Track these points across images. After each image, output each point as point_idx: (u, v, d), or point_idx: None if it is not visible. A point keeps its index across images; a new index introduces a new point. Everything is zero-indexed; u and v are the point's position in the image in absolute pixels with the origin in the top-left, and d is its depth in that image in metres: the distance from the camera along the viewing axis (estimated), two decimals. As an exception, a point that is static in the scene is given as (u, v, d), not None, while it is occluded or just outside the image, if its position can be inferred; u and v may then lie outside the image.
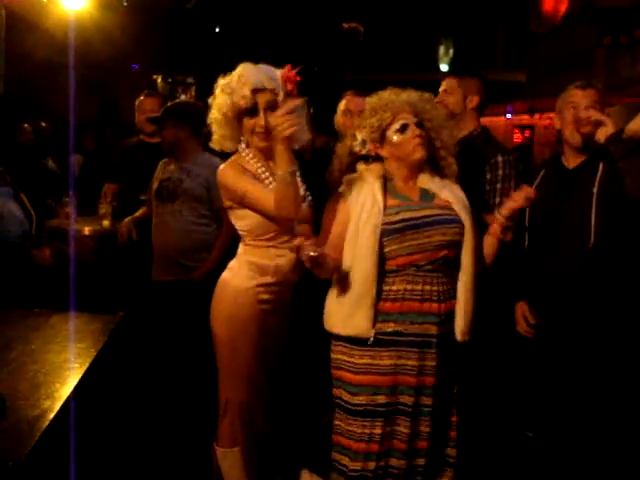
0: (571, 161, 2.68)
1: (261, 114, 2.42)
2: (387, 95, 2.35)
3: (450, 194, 2.32)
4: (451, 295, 2.29)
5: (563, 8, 5.51)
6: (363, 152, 2.33)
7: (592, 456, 2.59)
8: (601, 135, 2.43)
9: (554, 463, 2.70)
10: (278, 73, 2.45)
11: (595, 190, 2.55)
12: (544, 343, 2.71)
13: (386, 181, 2.33)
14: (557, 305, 2.65)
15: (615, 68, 4.54)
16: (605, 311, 2.55)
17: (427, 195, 2.33)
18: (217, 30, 11.68)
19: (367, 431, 2.27)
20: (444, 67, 8.00)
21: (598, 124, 2.45)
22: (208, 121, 2.51)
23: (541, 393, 2.76)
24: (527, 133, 6.83)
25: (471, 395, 2.53)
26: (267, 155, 2.51)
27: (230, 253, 2.68)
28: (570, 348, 2.61)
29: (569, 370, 2.63)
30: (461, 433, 2.43)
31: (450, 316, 2.29)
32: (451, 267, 2.29)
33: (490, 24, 6.76)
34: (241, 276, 2.48)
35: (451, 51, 7.97)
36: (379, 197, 2.26)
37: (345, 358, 2.30)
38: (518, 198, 2.31)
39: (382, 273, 2.23)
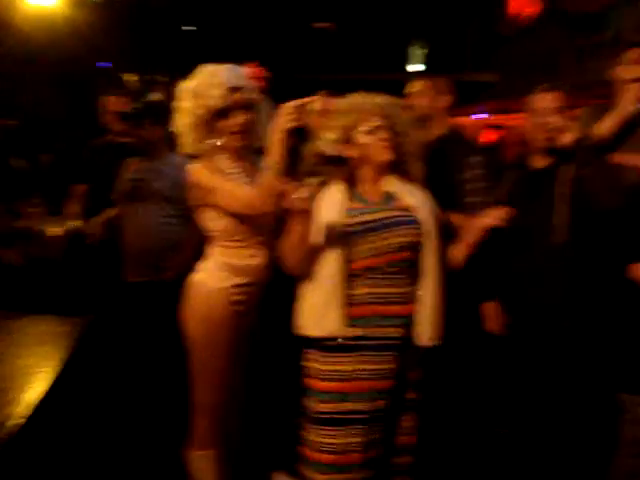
0: (539, 162, 2.72)
1: (238, 113, 2.42)
2: (357, 98, 2.35)
3: (413, 198, 2.32)
4: (415, 297, 2.28)
5: (532, 11, 5.58)
6: (330, 153, 2.31)
7: (563, 453, 2.64)
8: (565, 140, 2.46)
9: (528, 460, 2.74)
10: (244, 71, 2.46)
11: (563, 191, 2.59)
12: (514, 341, 2.75)
13: (349, 184, 2.32)
14: (527, 303, 2.69)
15: (582, 69, 4.62)
16: (576, 310, 2.59)
17: (389, 198, 2.32)
18: (191, 29, 11.60)
19: (336, 441, 2.23)
20: (415, 68, 8.02)
21: (562, 129, 2.49)
22: (174, 126, 2.48)
23: (512, 390, 2.79)
24: (496, 133, 6.89)
25: (442, 395, 2.55)
26: (240, 155, 2.50)
27: (200, 253, 2.66)
28: (540, 346, 2.65)
29: (540, 368, 2.67)
30: (431, 434, 2.44)
31: (415, 318, 2.28)
32: (413, 269, 2.28)
33: (460, 26, 6.79)
34: (215, 277, 2.47)
35: (422, 52, 8.00)
36: (340, 200, 2.25)
37: (314, 365, 2.28)
38: (492, 216, 2.35)
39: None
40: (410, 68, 7.98)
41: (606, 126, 2.95)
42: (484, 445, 3.02)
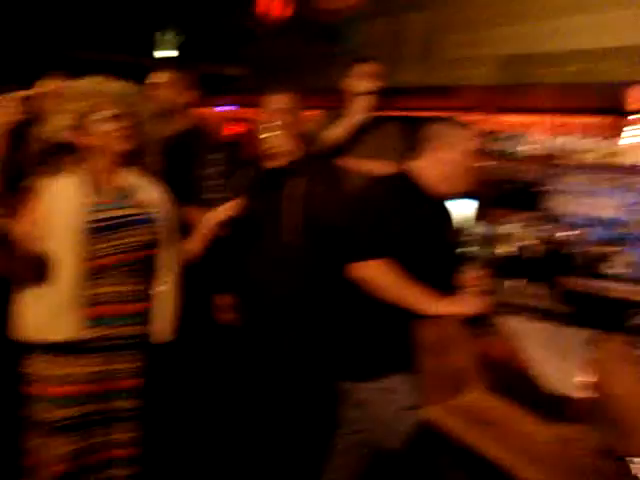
0: (274, 162, 2.83)
1: None
2: (95, 82, 2.21)
3: (150, 193, 2.29)
4: (151, 294, 2.26)
5: (280, 12, 5.80)
6: (61, 140, 2.14)
7: (292, 437, 2.81)
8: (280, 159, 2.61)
9: (259, 446, 2.85)
10: None
11: (294, 193, 2.71)
12: (247, 333, 2.85)
13: (82, 176, 2.17)
14: (258, 297, 2.80)
15: (322, 75, 4.91)
16: (303, 306, 2.75)
17: (126, 193, 2.24)
18: None
19: (72, 447, 2.14)
20: (164, 54, 7.87)
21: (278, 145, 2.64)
22: None
23: (244, 380, 2.89)
24: (242, 127, 7.04)
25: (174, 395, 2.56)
26: None
27: None
28: (270, 339, 2.78)
29: (269, 359, 2.79)
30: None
31: (151, 315, 2.27)
32: (152, 267, 2.26)
33: (213, 18, 6.81)
34: None
35: (173, 39, 7.88)
36: (75, 194, 2.11)
37: (45, 371, 2.12)
38: (225, 210, 2.41)
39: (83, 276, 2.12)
40: (159, 54, 7.81)
41: (336, 133, 3.19)
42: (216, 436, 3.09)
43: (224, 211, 2.45)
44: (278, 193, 2.72)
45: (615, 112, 4.14)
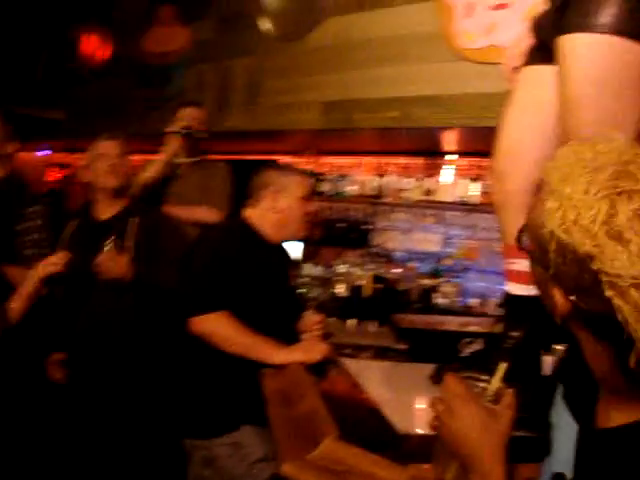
0: (102, 212, 2.71)
1: None
2: None
3: None
4: None
5: (102, 54, 5.61)
6: None
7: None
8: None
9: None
10: None
11: (127, 243, 2.60)
12: (81, 391, 2.67)
13: None
14: (89, 354, 2.64)
15: (148, 119, 4.82)
16: (142, 364, 2.62)
17: None
18: None
19: None
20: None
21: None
22: None
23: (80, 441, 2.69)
24: (63, 172, 6.73)
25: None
26: None
27: None
28: (109, 395, 2.62)
29: (109, 417, 2.62)
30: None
31: None
32: None
33: (30, 58, 6.43)
34: None
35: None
36: None
37: None
38: (49, 263, 2.25)
39: None
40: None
41: (146, 175, 3.16)
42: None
43: (47, 266, 2.29)
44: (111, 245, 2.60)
45: (432, 154, 4.45)
